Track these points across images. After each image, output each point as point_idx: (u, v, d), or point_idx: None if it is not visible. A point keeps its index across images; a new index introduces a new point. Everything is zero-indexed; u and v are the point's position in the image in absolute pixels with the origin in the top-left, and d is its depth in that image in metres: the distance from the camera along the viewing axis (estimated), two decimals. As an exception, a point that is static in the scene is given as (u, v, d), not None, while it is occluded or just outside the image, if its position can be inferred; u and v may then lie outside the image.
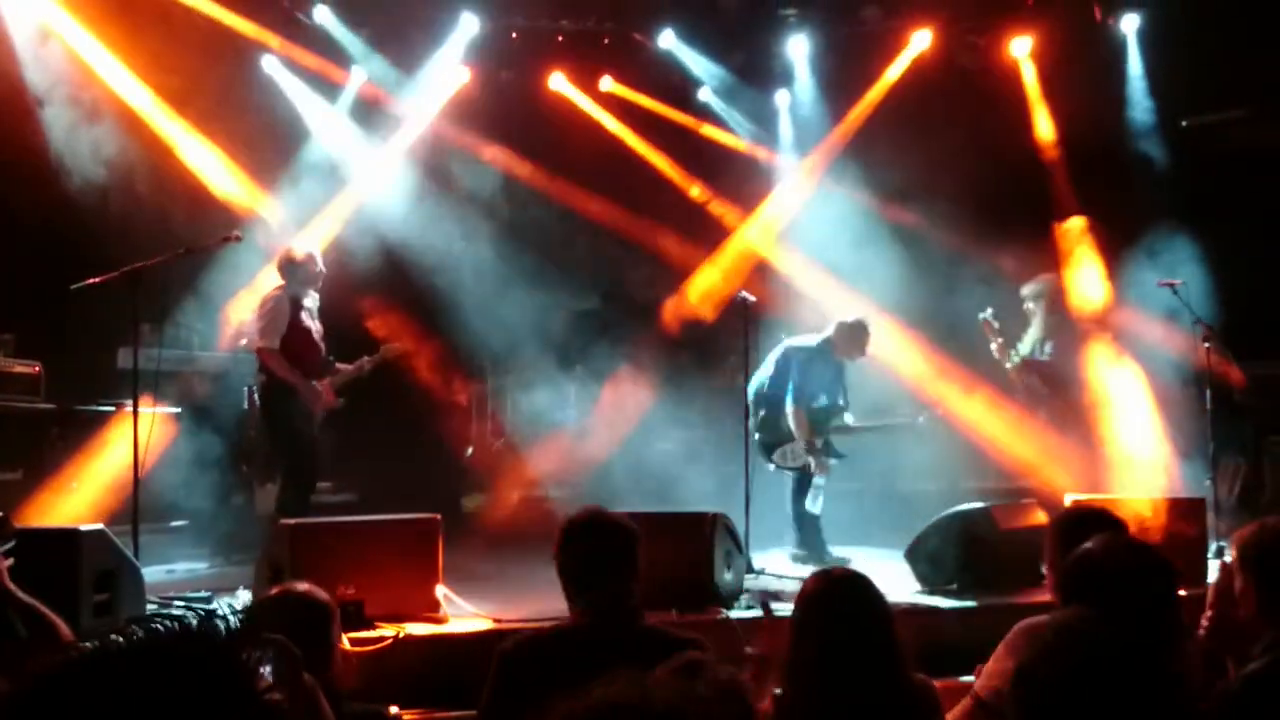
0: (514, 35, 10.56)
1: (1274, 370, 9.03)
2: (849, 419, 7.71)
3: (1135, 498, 6.61)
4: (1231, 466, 8.70)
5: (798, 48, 10.66)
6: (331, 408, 7.14)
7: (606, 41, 10.80)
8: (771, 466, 7.62)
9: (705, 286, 10.42)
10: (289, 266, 7.10)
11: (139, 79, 9.02)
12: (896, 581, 6.30)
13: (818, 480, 7.48)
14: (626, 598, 3.05)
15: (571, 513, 3.23)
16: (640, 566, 3.12)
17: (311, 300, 7.16)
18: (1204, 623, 2.91)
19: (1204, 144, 9.77)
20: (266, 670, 2.36)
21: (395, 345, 7.55)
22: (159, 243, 6.77)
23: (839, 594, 2.93)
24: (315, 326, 7.14)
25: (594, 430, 8.93)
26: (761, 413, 7.60)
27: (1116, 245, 9.06)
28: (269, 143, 9.63)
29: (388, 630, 4.98)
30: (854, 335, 7.60)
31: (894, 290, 9.45)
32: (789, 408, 7.47)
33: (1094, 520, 3.42)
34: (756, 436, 7.55)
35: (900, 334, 9.65)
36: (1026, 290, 8.46)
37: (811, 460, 7.42)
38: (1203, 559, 6.14)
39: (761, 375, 7.69)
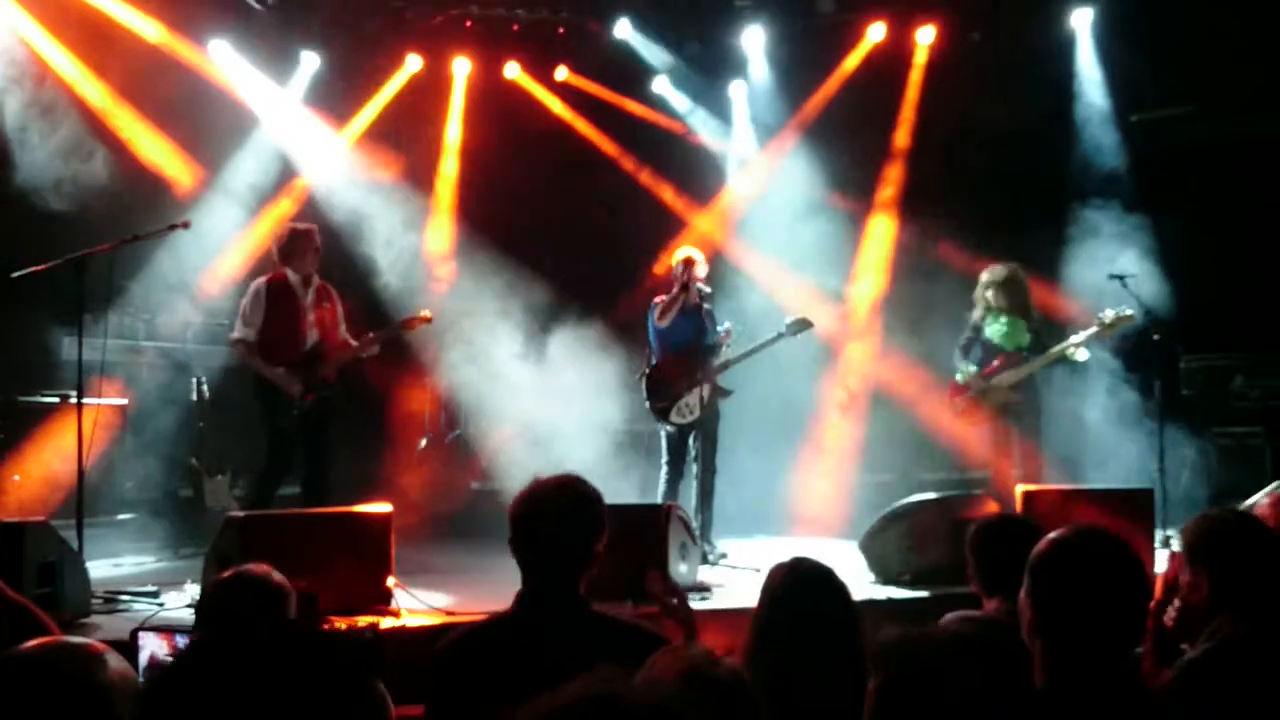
0: (468, 24, 10.47)
1: (1221, 362, 9.17)
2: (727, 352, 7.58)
3: (1085, 488, 6.69)
4: (1179, 458, 8.83)
5: (753, 39, 10.65)
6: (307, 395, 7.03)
7: (561, 31, 10.75)
8: (668, 429, 7.50)
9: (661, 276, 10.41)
10: (280, 246, 7.08)
11: (83, 64, 8.87)
12: (850, 572, 6.31)
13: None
14: (570, 582, 2.87)
15: (539, 478, 2.99)
16: (597, 546, 2.90)
17: (307, 281, 7.08)
18: (1171, 613, 2.93)
19: (1153, 139, 9.89)
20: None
21: (420, 315, 7.42)
22: (107, 230, 6.65)
23: (806, 587, 2.92)
24: (307, 310, 7.06)
25: (548, 422, 8.89)
26: (643, 382, 7.57)
27: (1067, 238, 9.16)
28: (219, 129, 9.50)
29: (338, 624, 4.93)
30: (681, 278, 7.46)
31: (847, 279, 9.52)
32: (656, 359, 7.47)
33: (1015, 529, 3.46)
34: (647, 405, 7.52)
35: (854, 322, 9.72)
36: (990, 277, 8.03)
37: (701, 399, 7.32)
38: (1150, 550, 6.22)
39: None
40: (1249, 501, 5.99)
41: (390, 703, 1.51)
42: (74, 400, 6.01)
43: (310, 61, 10.07)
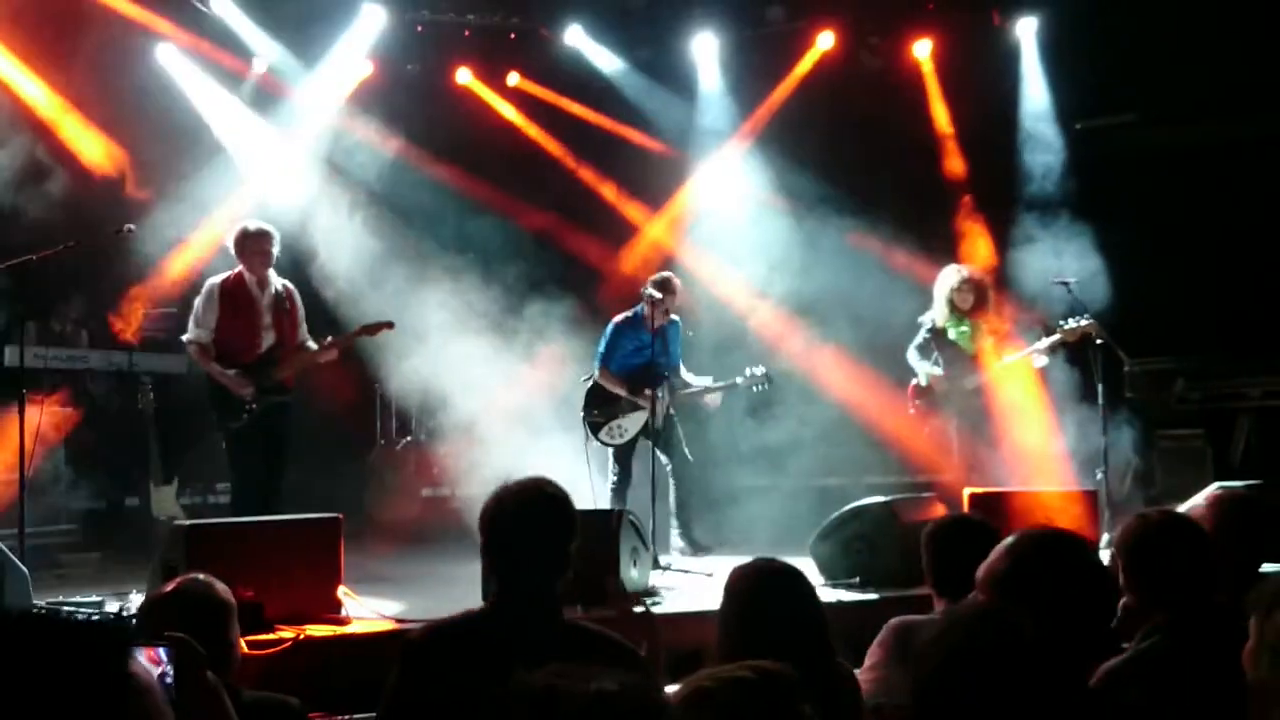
0: (419, 29, 10.44)
1: (1163, 366, 9.33)
2: (690, 380, 7.71)
3: (1031, 490, 6.77)
4: (1123, 460, 8.95)
5: (704, 46, 10.72)
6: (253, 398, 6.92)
7: (513, 36, 10.74)
8: (598, 443, 7.59)
9: (615, 281, 10.42)
10: (233, 246, 6.97)
11: (28, 68, 8.75)
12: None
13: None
14: (544, 586, 2.88)
15: (508, 483, 2.97)
16: (571, 553, 2.92)
17: (263, 282, 6.97)
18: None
19: (1096, 145, 10.05)
20: (169, 669, 2.29)
21: (382, 322, 7.28)
22: (52, 237, 6.55)
23: (773, 586, 2.93)
24: (263, 311, 6.94)
25: (499, 428, 8.87)
26: (586, 391, 7.67)
27: (1010, 243, 9.28)
28: (166, 134, 9.38)
29: (287, 633, 4.89)
30: (655, 298, 7.43)
31: (800, 286, 9.57)
32: (596, 372, 7.59)
33: (972, 529, 3.50)
34: (581, 414, 7.60)
35: (807, 329, 9.78)
36: (956, 278, 7.93)
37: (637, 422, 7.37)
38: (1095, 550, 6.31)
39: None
40: (1187, 504, 6.08)
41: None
42: (16, 408, 5.91)
43: (259, 67, 9.98)
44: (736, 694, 1.49)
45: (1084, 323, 7.49)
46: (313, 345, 7.10)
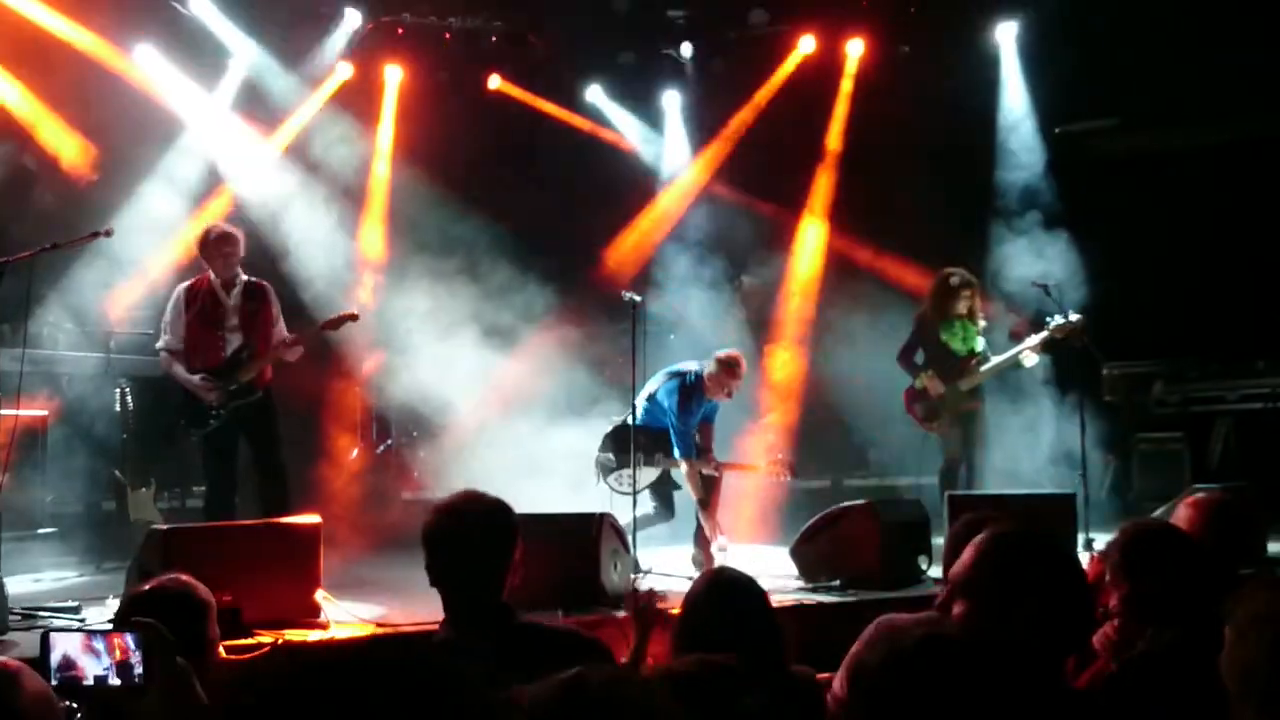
0: (400, 31, 10.42)
1: (1141, 369, 9.38)
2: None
3: (1008, 493, 6.80)
4: (1101, 463, 8.99)
5: (686, 49, 10.73)
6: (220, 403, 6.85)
7: (494, 39, 10.73)
8: (602, 484, 7.45)
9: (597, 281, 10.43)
10: (199, 249, 6.92)
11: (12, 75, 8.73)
12: (781, 577, 6.38)
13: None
14: (492, 596, 2.89)
15: (441, 502, 3.00)
16: (512, 556, 2.93)
17: (230, 284, 6.90)
18: (1108, 629, 2.91)
19: (1076, 150, 10.11)
20: (136, 656, 2.27)
21: (344, 313, 7.17)
22: (30, 239, 6.49)
23: (722, 595, 2.95)
24: (229, 314, 6.87)
25: (482, 431, 8.85)
26: (611, 428, 7.50)
27: (990, 247, 9.32)
28: (145, 135, 9.33)
29: (266, 638, 4.86)
30: (720, 375, 7.19)
31: (781, 286, 9.60)
32: (678, 456, 7.18)
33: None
34: (598, 452, 7.44)
35: (788, 330, 9.81)
36: (952, 281, 7.83)
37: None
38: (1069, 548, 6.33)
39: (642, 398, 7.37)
40: (1168, 507, 6.11)
41: None
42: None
43: (237, 68, 9.93)
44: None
45: (1073, 319, 7.47)
46: (287, 340, 7.05)
